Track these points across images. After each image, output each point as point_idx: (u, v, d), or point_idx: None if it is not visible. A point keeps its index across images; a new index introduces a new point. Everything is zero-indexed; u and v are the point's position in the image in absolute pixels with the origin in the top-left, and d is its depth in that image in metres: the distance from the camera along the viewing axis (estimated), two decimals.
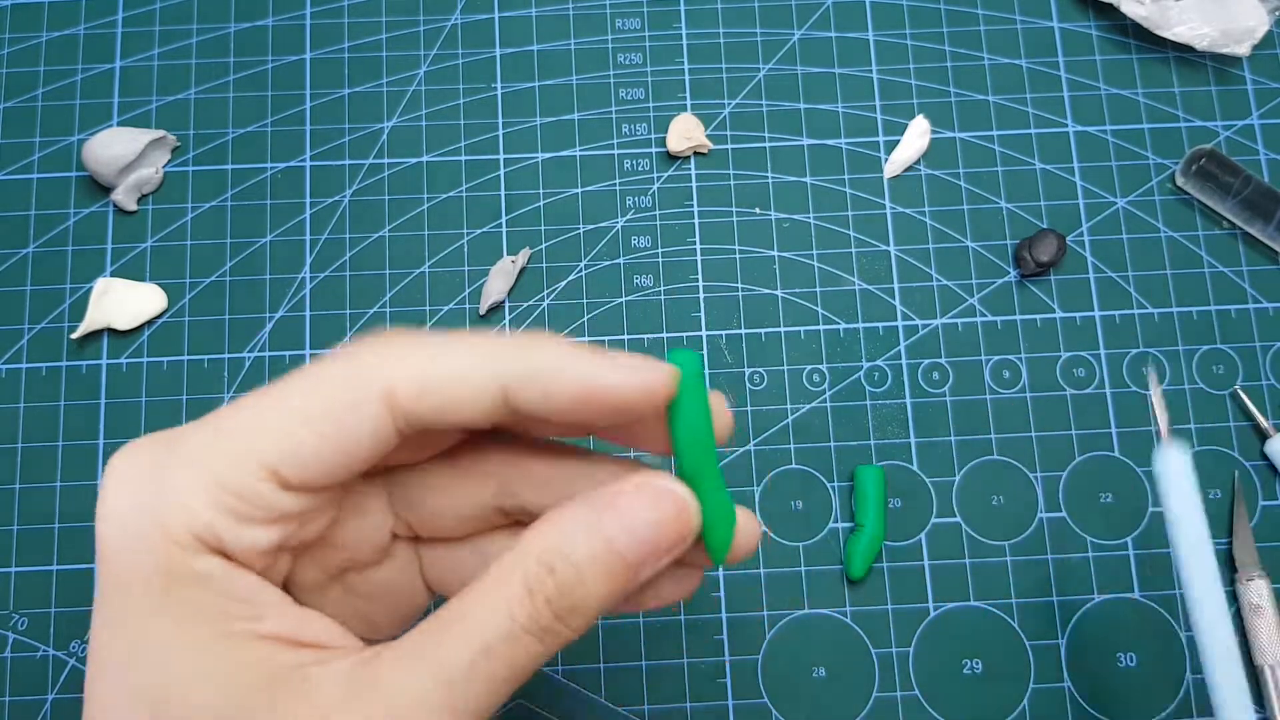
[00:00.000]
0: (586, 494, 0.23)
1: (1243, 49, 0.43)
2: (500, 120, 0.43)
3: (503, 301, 0.41)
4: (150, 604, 0.21)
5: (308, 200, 0.42)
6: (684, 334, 0.41)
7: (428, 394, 0.22)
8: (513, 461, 0.25)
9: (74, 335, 0.40)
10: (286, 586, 0.23)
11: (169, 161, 0.43)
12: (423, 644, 0.21)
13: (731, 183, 0.43)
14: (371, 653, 0.22)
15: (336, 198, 0.42)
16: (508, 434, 0.25)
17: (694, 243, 0.42)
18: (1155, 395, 0.33)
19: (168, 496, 0.21)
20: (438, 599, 0.26)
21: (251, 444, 0.22)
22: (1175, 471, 0.31)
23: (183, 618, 0.21)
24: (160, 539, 0.21)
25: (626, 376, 0.22)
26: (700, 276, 0.42)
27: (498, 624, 0.21)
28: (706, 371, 0.40)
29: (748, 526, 0.24)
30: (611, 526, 0.22)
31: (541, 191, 0.42)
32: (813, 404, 0.40)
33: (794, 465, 0.39)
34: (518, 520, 0.26)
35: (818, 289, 0.41)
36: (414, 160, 0.43)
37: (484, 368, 0.22)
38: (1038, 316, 0.41)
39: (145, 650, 0.21)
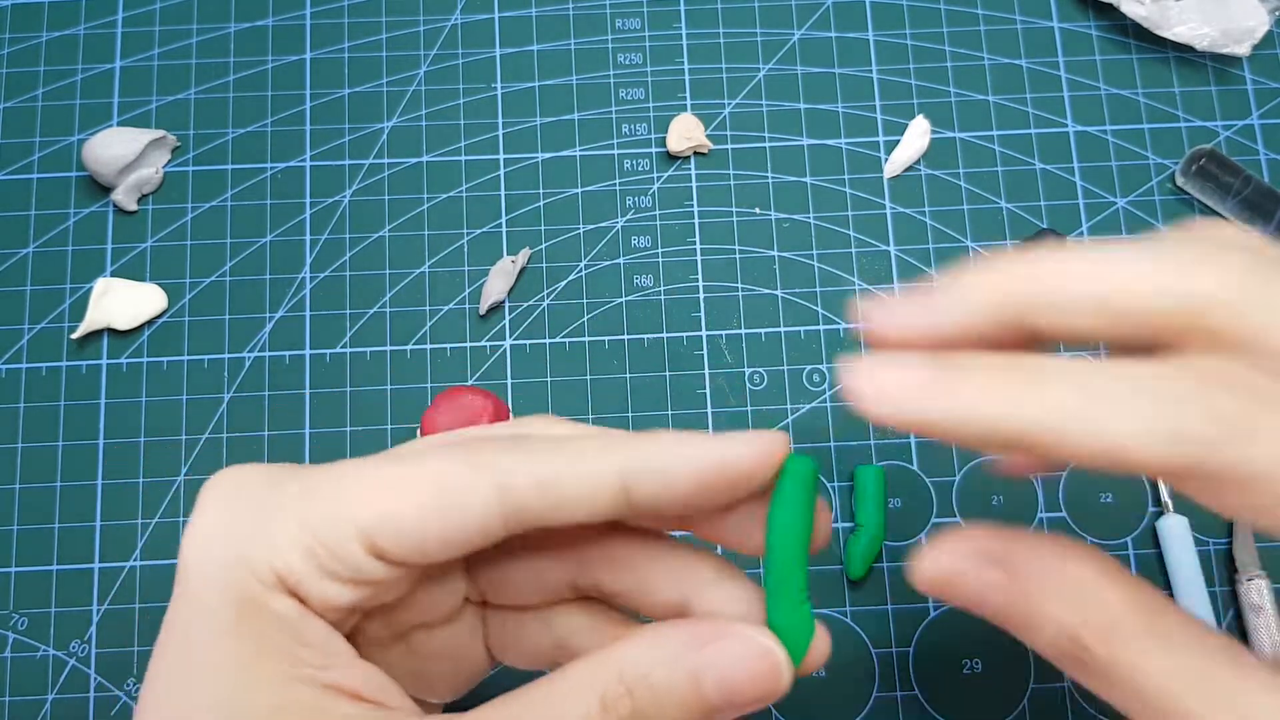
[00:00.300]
0: (684, 623, 0.22)
1: (1243, 49, 0.43)
2: (500, 120, 0.43)
3: (503, 301, 0.41)
4: (221, 629, 0.21)
5: (308, 200, 0.42)
6: (684, 334, 0.41)
7: (544, 491, 0.22)
8: (596, 542, 0.25)
9: (74, 335, 0.40)
10: (351, 637, 0.23)
11: (169, 161, 0.43)
12: None
13: (731, 183, 0.43)
14: None
15: (336, 198, 0.42)
16: None
17: (694, 243, 0.42)
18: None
19: (259, 531, 0.22)
20: (497, 665, 0.26)
21: (354, 504, 0.22)
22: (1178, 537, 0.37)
23: (251, 650, 0.21)
24: (242, 568, 0.21)
25: (744, 449, 0.22)
26: (700, 276, 0.42)
27: None
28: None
29: (820, 643, 0.24)
30: (703, 665, 0.21)
31: (541, 191, 0.42)
32: (813, 404, 0.40)
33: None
34: (589, 596, 0.25)
35: (818, 289, 0.41)
36: (414, 160, 0.43)
37: (604, 464, 0.22)
38: None
39: (209, 673, 0.21)
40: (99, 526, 0.39)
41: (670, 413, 0.40)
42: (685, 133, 0.42)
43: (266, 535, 0.21)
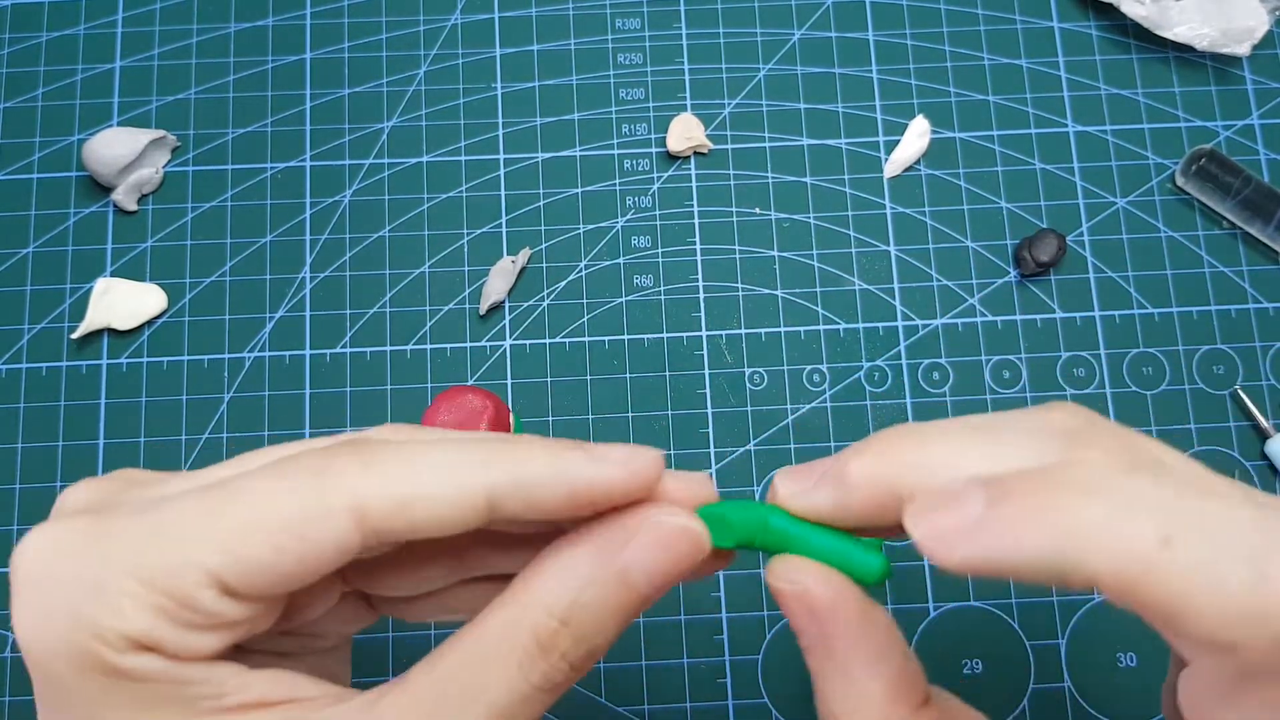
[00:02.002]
0: (590, 534, 0.22)
1: (1243, 49, 0.43)
2: (500, 120, 0.43)
3: (503, 301, 0.41)
4: (93, 697, 0.20)
5: (308, 200, 0.42)
6: (684, 334, 0.41)
7: (404, 511, 0.20)
8: (471, 544, 0.24)
9: (74, 335, 0.40)
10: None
11: (169, 161, 0.43)
12: (429, 706, 0.20)
13: (731, 183, 0.43)
14: (367, 702, 0.21)
15: (336, 198, 0.42)
16: None
17: (694, 243, 0.42)
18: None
19: (97, 600, 0.19)
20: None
21: (196, 548, 0.20)
22: None
23: (137, 705, 0.20)
24: (92, 643, 0.19)
25: (614, 471, 0.21)
26: (700, 276, 0.42)
27: (511, 689, 0.20)
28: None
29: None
30: (627, 567, 0.21)
31: (541, 191, 0.42)
32: (813, 404, 0.40)
33: (794, 465, 0.39)
34: (480, 578, 0.25)
35: (818, 289, 0.41)
36: (414, 160, 0.43)
37: (464, 481, 0.21)
38: (1038, 316, 0.41)
39: None
40: None
41: (670, 413, 0.40)
42: (685, 133, 0.42)
43: (104, 600, 0.19)
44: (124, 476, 0.23)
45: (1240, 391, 0.40)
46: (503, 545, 0.24)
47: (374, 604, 0.26)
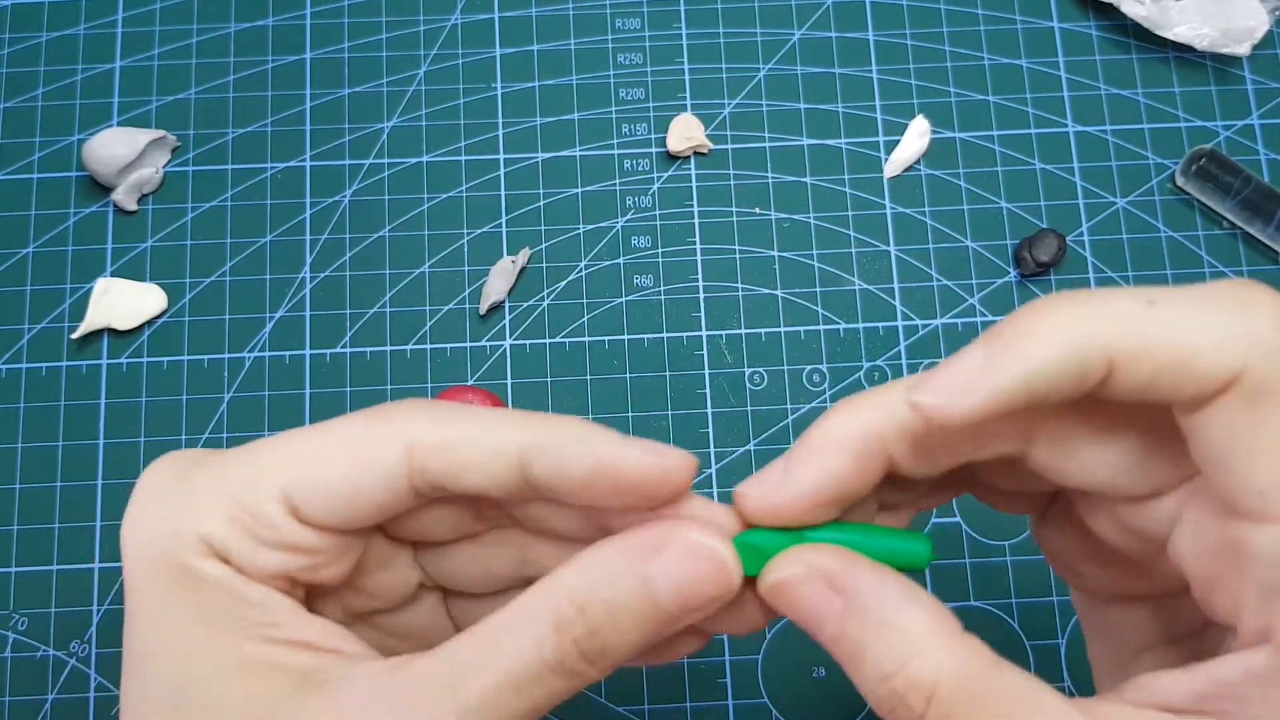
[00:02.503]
0: (625, 536, 0.22)
1: (1243, 49, 0.43)
2: (500, 120, 0.43)
3: (503, 301, 0.41)
4: (159, 604, 0.22)
5: (308, 200, 0.42)
6: (684, 334, 0.41)
7: (446, 453, 0.22)
8: (536, 536, 0.25)
9: (74, 335, 0.40)
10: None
11: (169, 161, 0.43)
12: (447, 667, 0.21)
13: (731, 183, 0.43)
14: (394, 664, 0.22)
15: (336, 198, 0.42)
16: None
17: (694, 243, 0.42)
18: None
19: (182, 504, 0.22)
20: None
21: (270, 469, 0.22)
22: None
23: (197, 616, 0.22)
24: (170, 540, 0.22)
25: (641, 456, 0.22)
26: (700, 276, 0.42)
27: (524, 660, 0.21)
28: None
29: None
30: (652, 574, 0.21)
31: (541, 191, 0.42)
32: (813, 404, 0.40)
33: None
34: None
35: (818, 289, 0.41)
36: (414, 160, 0.43)
37: (503, 435, 0.22)
38: None
39: (160, 643, 0.22)
40: (99, 526, 0.39)
41: (670, 413, 0.40)
42: (685, 133, 0.42)
43: (189, 506, 0.22)
44: (208, 451, 0.25)
45: None
46: (562, 550, 0.25)
47: (451, 607, 0.27)
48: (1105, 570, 0.25)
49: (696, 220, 0.42)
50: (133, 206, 0.42)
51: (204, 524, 0.22)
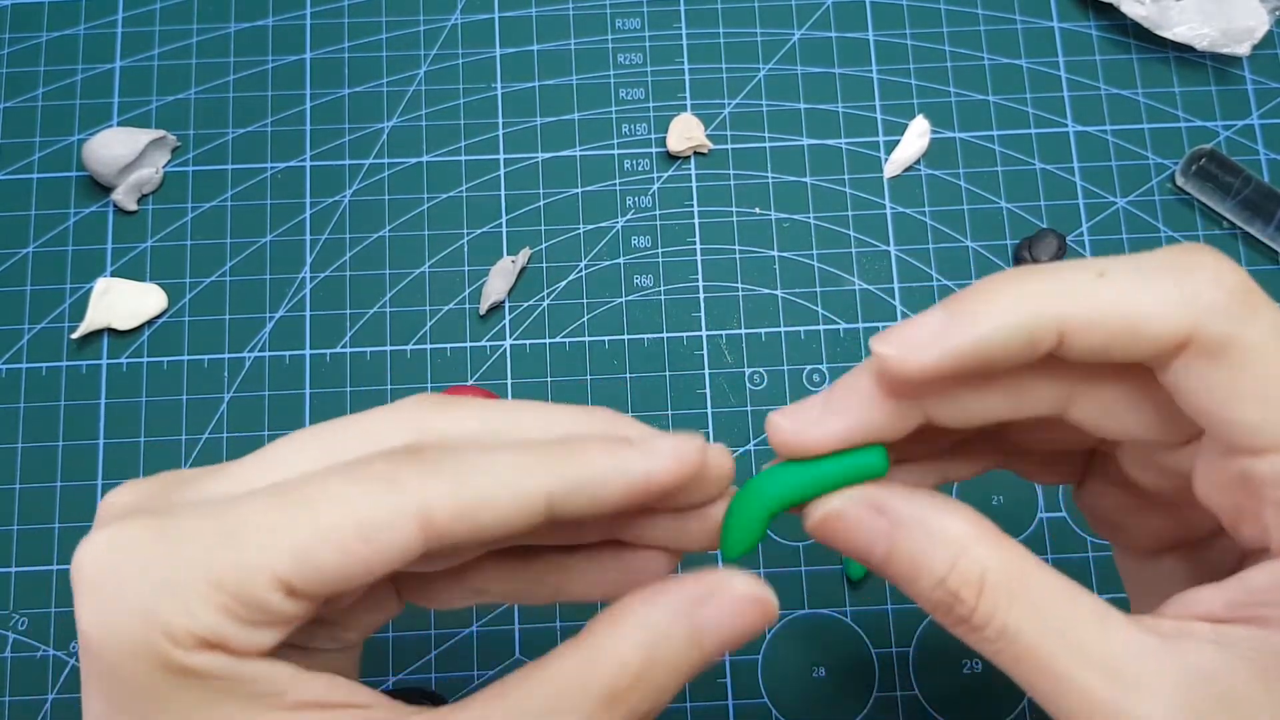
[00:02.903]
0: (670, 590, 0.22)
1: (1243, 49, 0.43)
2: (500, 120, 0.43)
3: (503, 301, 0.41)
4: (153, 701, 0.20)
5: (308, 200, 0.42)
6: (684, 334, 0.41)
7: (468, 518, 0.21)
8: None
9: (74, 335, 0.40)
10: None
11: (169, 161, 0.43)
12: None
13: (731, 183, 0.43)
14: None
15: (336, 198, 0.42)
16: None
17: (694, 243, 0.42)
18: None
19: (167, 599, 0.20)
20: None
21: (263, 553, 0.20)
22: None
23: (198, 707, 0.21)
24: (161, 641, 0.20)
25: (667, 464, 0.22)
26: (700, 276, 0.42)
27: None
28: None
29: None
30: (702, 628, 0.22)
31: (541, 191, 0.42)
32: None
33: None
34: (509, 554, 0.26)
35: (818, 289, 0.41)
36: (414, 160, 0.43)
37: (527, 487, 0.21)
38: None
39: None
40: None
41: (670, 413, 0.40)
42: (685, 133, 0.42)
43: (178, 602, 0.20)
44: (168, 478, 0.23)
45: None
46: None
47: (401, 592, 0.26)
48: (1148, 520, 0.26)
49: (696, 220, 0.42)
50: (133, 206, 0.42)
51: (197, 622, 0.20)
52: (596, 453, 0.22)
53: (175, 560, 0.20)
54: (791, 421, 0.23)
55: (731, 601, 0.22)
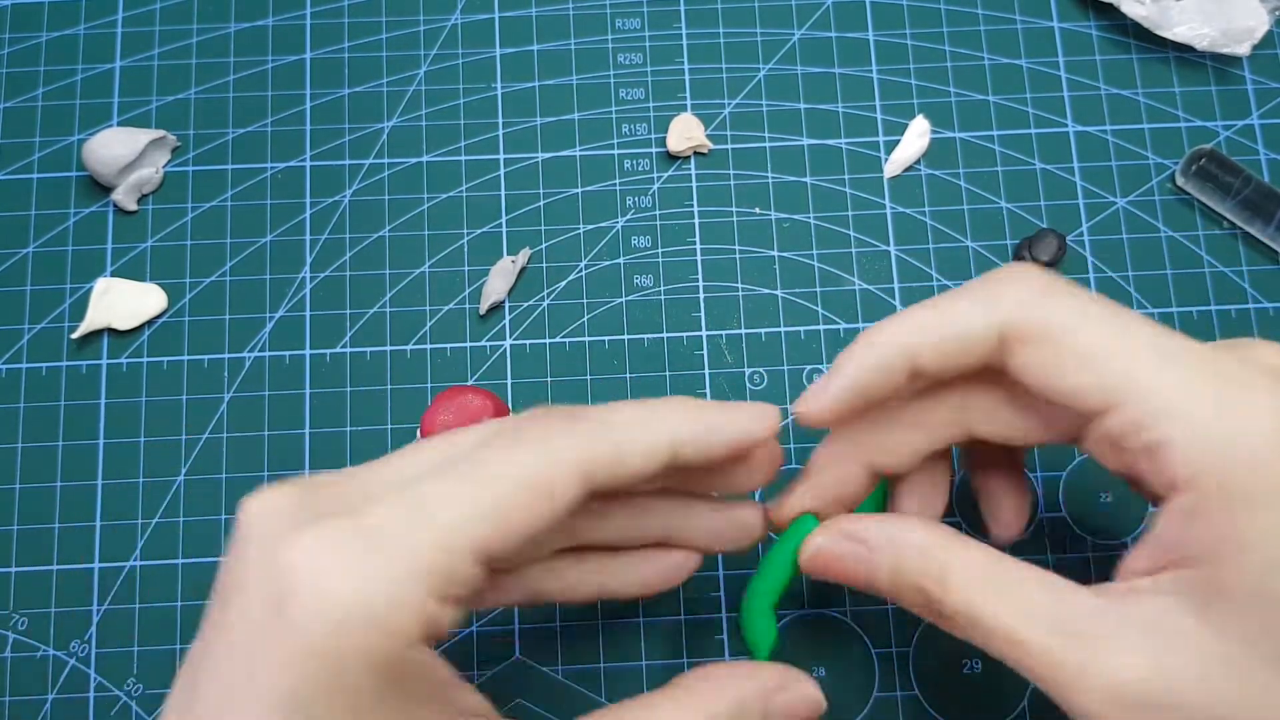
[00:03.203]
0: (753, 676, 0.27)
1: (1243, 49, 0.43)
2: (500, 120, 0.43)
3: (503, 301, 0.41)
4: (376, 698, 0.21)
5: (308, 200, 0.42)
6: (684, 334, 0.41)
7: (615, 465, 0.24)
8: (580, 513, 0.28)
9: (74, 335, 0.40)
10: None
11: (169, 161, 0.43)
12: None
13: (731, 183, 0.43)
14: None
15: (336, 198, 0.42)
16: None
17: (694, 243, 0.42)
18: None
19: (386, 591, 0.21)
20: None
21: (465, 529, 0.22)
22: None
23: (406, 708, 0.22)
24: (383, 635, 0.21)
25: (761, 425, 0.27)
26: (700, 276, 0.42)
27: None
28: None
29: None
30: (772, 711, 0.27)
31: (541, 191, 0.42)
32: None
33: (794, 465, 0.39)
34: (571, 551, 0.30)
35: (818, 289, 0.41)
36: (414, 160, 0.43)
37: (660, 435, 0.25)
38: None
39: None
40: (99, 526, 0.39)
41: None
42: (685, 133, 0.42)
43: (400, 598, 0.21)
44: (306, 482, 0.24)
45: None
46: (599, 516, 0.29)
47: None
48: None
49: (696, 220, 0.42)
50: (133, 206, 0.42)
51: (415, 611, 0.21)
52: (709, 409, 0.27)
53: (385, 549, 0.21)
54: (800, 405, 0.28)
55: (800, 698, 0.27)
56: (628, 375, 0.40)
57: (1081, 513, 0.39)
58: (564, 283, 0.41)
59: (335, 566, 0.21)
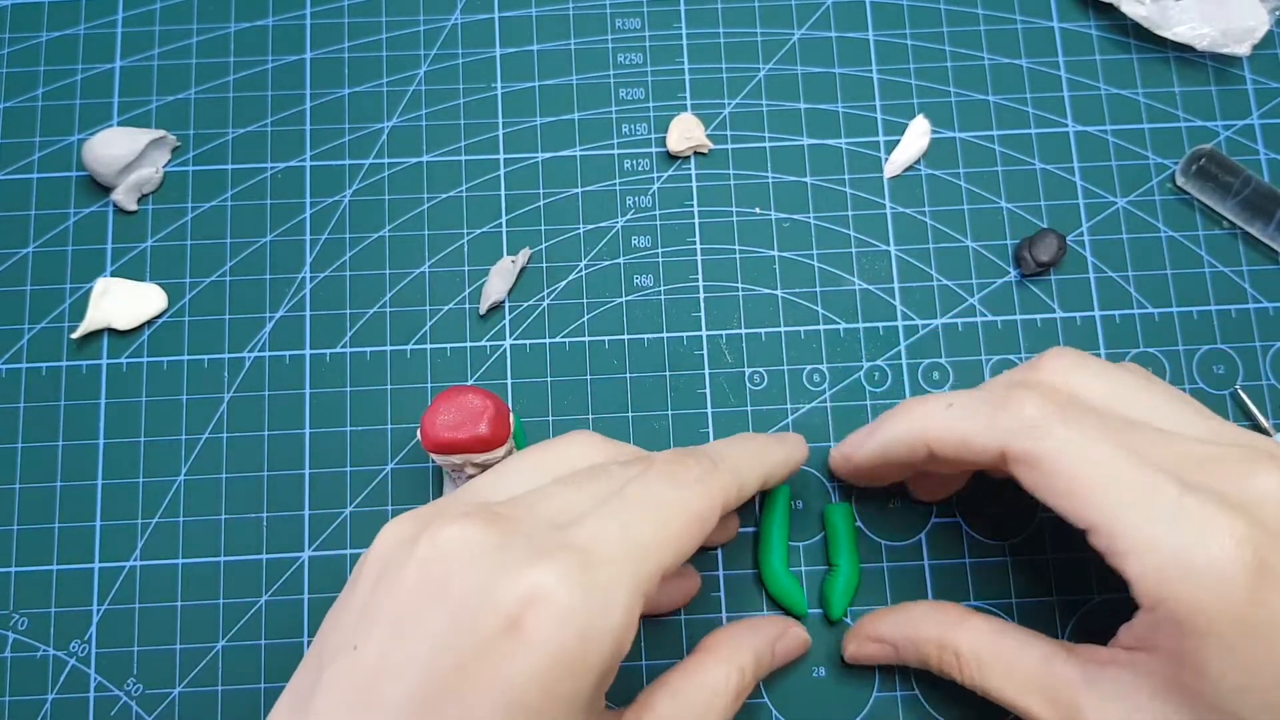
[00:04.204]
0: (765, 626, 0.35)
1: (1243, 49, 0.43)
2: (500, 120, 0.43)
3: (503, 301, 0.41)
4: (590, 706, 0.26)
5: (308, 200, 0.42)
6: (684, 334, 0.41)
7: (738, 500, 0.31)
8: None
9: (74, 335, 0.40)
10: None
11: (169, 161, 0.43)
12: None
13: (731, 183, 0.43)
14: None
15: (336, 198, 0.42)
16: None
17: (694, 243, 0.42)
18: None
19: (621, 607, 0.25)
20: None
21: (660, 555, 0.27)
22: None
23: (602, 718, 0.28)
24: (616, 647, 0.25)
25: (802, 448, 0.36)
26: (700, 276, 0.42)
27: (722, 708, 0.31)
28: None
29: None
30: (779, 649, 0.35)
31: (541, 191, 0.42)
32: (813, 404, 0.40)
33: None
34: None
35: (818, 289, 0.41)
36: (414, 160, 0.43)
37: (758, 471, 0.33)
38: (1038, 316, 0.41)
39: None
40: (99, 526, 0.39)
41: (670, 412, 0.40)
42: (685, 133, 0.42)
43: (627, 610, 0.26)
44: (493, 513, 0.27)
45: (1240, 391, 0.40)
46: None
47: None
48: None
49: (696, 220, 0.42)
50: (133, 206, 0.42)
51: (631, 630, 0.26)
52: (778, 444, 0.34)
53: (614, 579, 0.26)
54: (836, 455, 0.37)
55: (795, 640, 0.35)
56: (628, 375, 0.40)
57: None
58: (564, 283, 0.41)
59: (575, 590, 0.25)
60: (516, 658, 0.24)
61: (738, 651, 0.32)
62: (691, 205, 0.42)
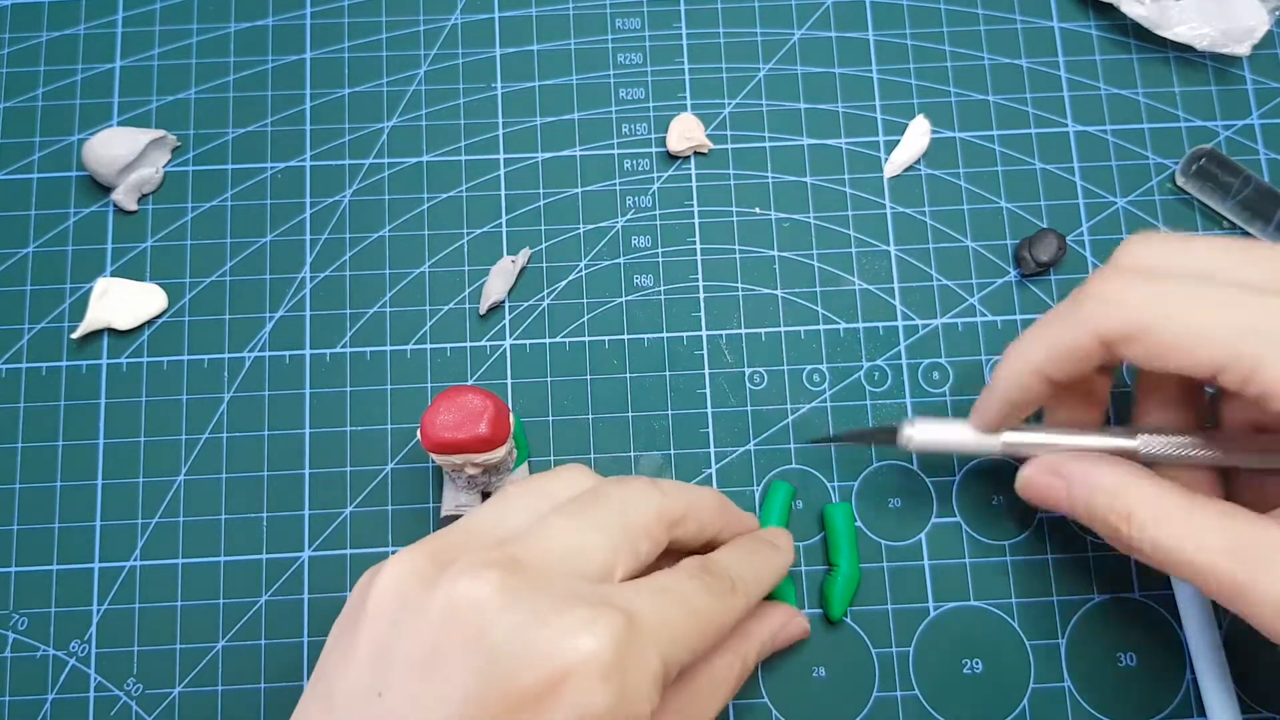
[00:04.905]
0: (772, 612, 0.36)
1: (1243, 49, 0.43)
2: (500, 120, 0.43)
3: (503, 301, 0.41)
4: None
5: (308, 200, 0.42)
6: (684, 334, 0.41)
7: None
8: None
9: (74, 335, 0.40)
10: None
11: (169, 161, 0.43)
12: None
13: (731, 183, 0.43)
14: None
15: (336, 198, 0.42)
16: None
17: (694, 243, 0.42)
18: None
19: (650, 684, 0.26)
20: None
21: (688, 650, 0.28)
22: None
23: None
24: (649, 704, 0.26)
25: (791, 557, 0.36)
26: (700, 276, 0.42)
27: (732, 676, 0.32)
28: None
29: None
30: (781, 634, 0.36)
31: (541, 191, 0.42)
32: (813, 404, 0.40)
33: (794, 465, 0.39)
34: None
35: (818, 289, 0.41)
36: (414, 160, 0.43)
37: (771, 578, 0.34)
38: (1038, 316, 0.41)
39: None
40: (99, 526, 0.39)
41: (670, 413, 0.40)
42: (685, 133, 0.42)
43: (656, 677, 0.26)
44: (513, 561, 0.27)
45: None
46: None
47: None
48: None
49: (696, 220, 0.42)
50: (133, 206, 0.42)
51: (659, 691, 0.27)
52: (779, 556, 0.35)
53: (656, 639, 0.26)
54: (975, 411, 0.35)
55: (796, 628, 0.36)
56: (627, 375, 0.40)
57: None
58: (564, 283, 0.41)
59: (623, 661, 0.25)
60: (555, 716, 0.24)
61: (743, 641, 0.33)
62: (691, 205, 0.42)
